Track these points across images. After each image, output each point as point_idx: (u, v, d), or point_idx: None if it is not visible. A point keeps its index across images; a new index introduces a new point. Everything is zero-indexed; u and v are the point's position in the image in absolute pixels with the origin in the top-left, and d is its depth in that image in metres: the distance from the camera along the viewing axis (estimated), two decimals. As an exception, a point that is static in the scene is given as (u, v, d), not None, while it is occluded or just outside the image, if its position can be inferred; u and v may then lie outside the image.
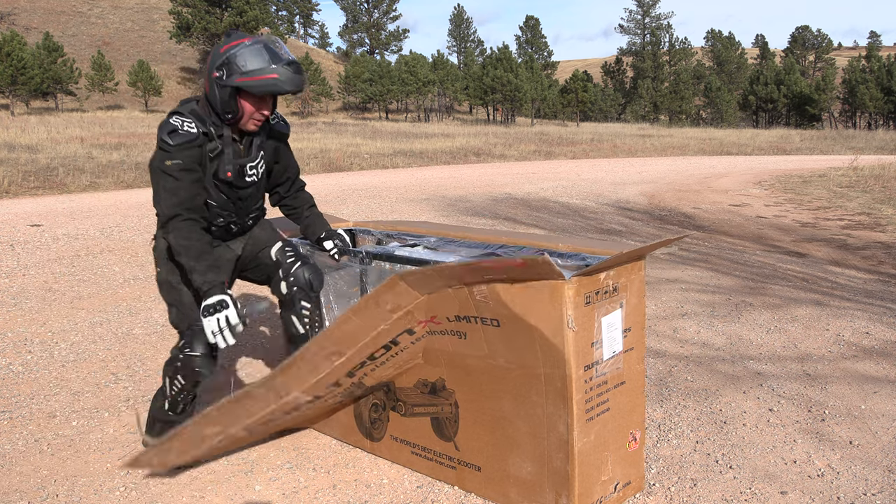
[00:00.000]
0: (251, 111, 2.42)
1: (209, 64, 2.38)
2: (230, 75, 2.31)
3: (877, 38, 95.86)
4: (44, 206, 9.65)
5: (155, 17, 62.12)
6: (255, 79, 2.30)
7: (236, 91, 2.35)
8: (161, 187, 2.38)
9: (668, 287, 5.27)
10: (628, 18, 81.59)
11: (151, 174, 2.41)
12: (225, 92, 2.34)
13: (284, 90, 2.32)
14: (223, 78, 2.33)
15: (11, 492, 2.48)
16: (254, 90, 2.32)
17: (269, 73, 2.29)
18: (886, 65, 60.04)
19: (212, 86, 2.37)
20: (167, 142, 2.34)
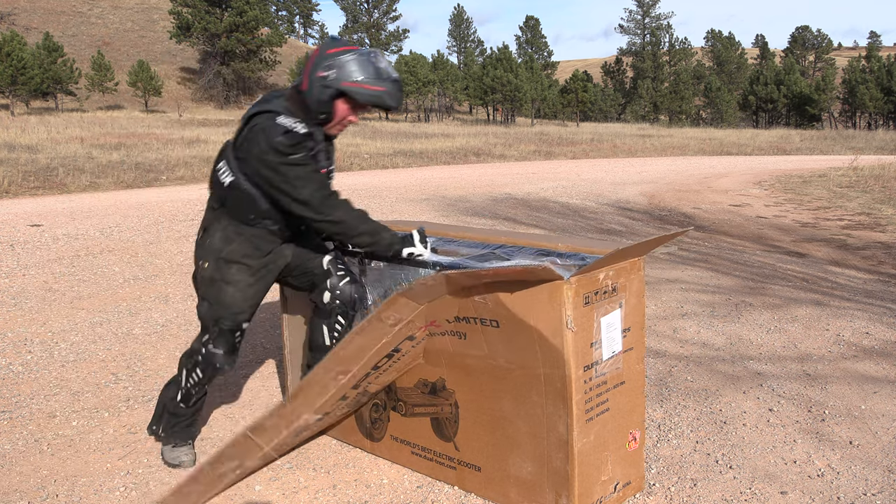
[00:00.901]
0: (343, 117, 2.42)
1: (312, 63, 2.36)
2: (337, 78, 2.32)
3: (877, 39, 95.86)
4: (44, 206, 9.65)
5: (155, 17, 62.12)
6: (362, 87, 2.32)
7: (338, 95, 2.35)
8: (294, 178, 2.32)
9: (668, 287, 5.27)
10: (628, 18, 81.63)
11: (277, 168, 2.31)
12: (326, 93, 2.33)
13: (387, 105, 2.37)
14: (328, 79, 2.32)
15: (11, 492, 2.48)
16: (359, 98, 2.34)
17: (377, 86, 2.33)
18: (886, 65, 60.02)
19: (313, 85, 2.34)
20: (283, 142, 2.30)
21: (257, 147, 2.32)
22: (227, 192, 2.44)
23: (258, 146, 2.31)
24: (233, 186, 2.42)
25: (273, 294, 5.02)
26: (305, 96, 2.36)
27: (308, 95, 2.35)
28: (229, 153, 2.45)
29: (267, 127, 2.32)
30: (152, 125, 31.05)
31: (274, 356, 3.84)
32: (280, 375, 3.56)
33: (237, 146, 2.42)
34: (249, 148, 2.35)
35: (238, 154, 2.41)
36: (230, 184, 2.42)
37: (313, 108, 2.36)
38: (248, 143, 2.35)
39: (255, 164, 2.34)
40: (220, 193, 2.46)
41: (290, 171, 2.31)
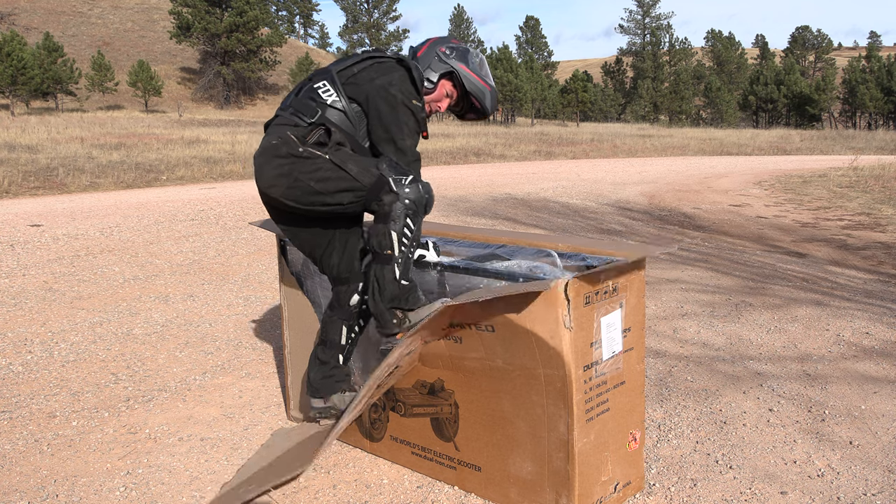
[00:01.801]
0: (438, 97, 2.41)
1: (434, 40, 2.42)
2: (457, 59, 2.37)
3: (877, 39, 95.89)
4: (44, 206, 9.65)
5: (155, 17, 62.12)
6: (475, 77, 2.38)
7: (448, 73, 2.37)
8: (405, 123, 2.26)
9: (668, 287, 5.27)
10: (628, 18, 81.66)
11: (396, 105, 2.24)
12: (441, 67, 2.36)
13: (486, 106, 2.42)
14: (448, 56, 2.37)
15: (11, 492, 2.48)
16: (467, 84, 2.37)
17: (487, 84, 2.40)
18: (886, 65, 60.05)
19: (430, 55, 2.37)
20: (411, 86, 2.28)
21: (384, 78, 2.27)
22: (325, 110, 2.29)
23: (385, 77, 2.27)
24: (334, 107, 2.29)
25: (273, 294, 5.02)
26: (418, 61, 2.37)
27: (420, 60, 2.37)
28: (333, 76, 2.32)
29: (398, 66, 2.30)
30: (152, 125, 31.06)
31: (274, 356, 3.85)
32: (280, 375, 3.56)
33: (348, 74, 2.32)
34: (372, 76, 2.28)
35: (349, 80, 2.31)
36: (332, 103, 2.29)
37: (419, 75, 2.34)
38: (372, 72, 2.29)
39: (372, 93, 2.25)
40: (319, 113, 2.28)
41: (404, 114, 2.25)
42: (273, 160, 2.24)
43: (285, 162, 2.22)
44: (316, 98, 2.30)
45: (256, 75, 56.27)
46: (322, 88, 2.31)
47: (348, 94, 2.29)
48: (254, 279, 5.48)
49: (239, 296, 5.03)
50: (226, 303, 4.85)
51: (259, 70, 55.58)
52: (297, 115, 2.29)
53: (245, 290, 5.17)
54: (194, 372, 3.61)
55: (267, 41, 54.77)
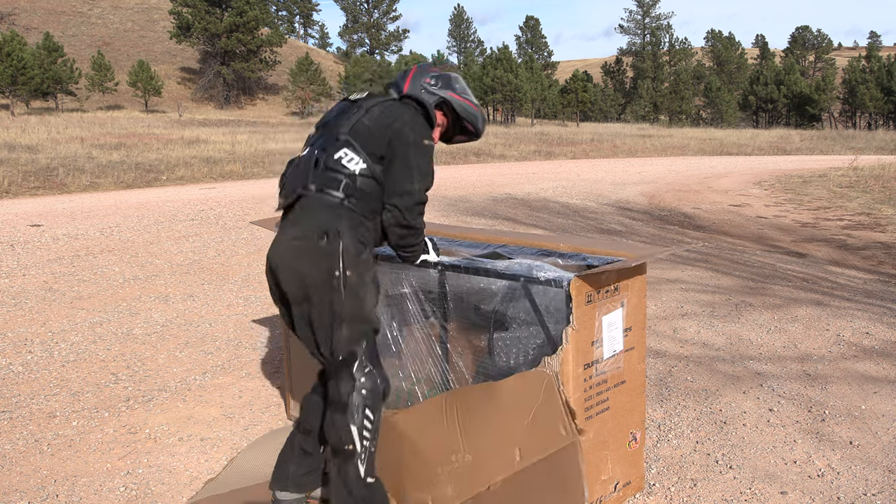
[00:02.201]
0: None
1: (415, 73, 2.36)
2: (443, 88, 2.34)
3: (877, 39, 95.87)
4: (44, 206, 9.65)
5: (155, 17, 62.12)
6: (465, 101, 2.36)
7: (439, 104, 2.34)
8: (416, 166, 2.18)
9: (668, 287, 5.27)
10: (628, 18, 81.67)
11: (409, 145, 2.17)
12: (431, 99, 2.33)
13: (478, 127, 2.40)
14: (434, 86, 2.34)
15: (11, 492, 2.48)
16: (460, 110, 2.35)
17: (476, 106, 2.39)
18: (886, 65, 60.04)
19: (416, 89, 2.32)
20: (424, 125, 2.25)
21: (398, 121, 2.19)
22: (355, 181, 2.14)
23: (399, 120, 2.20)
24: (364, 175, 2.15)
25: (273, 294, 5.03)
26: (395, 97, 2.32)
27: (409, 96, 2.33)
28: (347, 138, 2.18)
29: (407, 106, 2.26)
30: (152, 125, 31.07)
31: (274, 356, 3.84)
32: (280, 375, 3.56)
33: (361, 129, 2.19)
34: (386, 122, 2.19)
35: (364, 136, 2.18)
36: (361, 172, 2.14)
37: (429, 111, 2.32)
38: (386, 119, 2.20)
39: (388, 135, 2.17)
40: (347, 184, 2.13)
41: (417, 154, 2.18)
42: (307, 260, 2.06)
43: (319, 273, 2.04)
44: (341, 169, 2.14)
45: (256, 75, 56.27)
46: (345, 158, 2.15)
47: (369, 152, 2.16)
48: (254, 279, 5.48)
49: (239, 296, 5.03)
50: (226, 303, 4.85)
51: (259, 70, 55.58)
52: (324, 192, 2.13)
53: (245, 290, 5.17)
54: (194, 372, 3.61)
55: (267, 41, 54.78)
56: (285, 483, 2.25)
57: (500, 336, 2.32)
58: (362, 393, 2.05)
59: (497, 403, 2.15)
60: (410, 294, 2.51)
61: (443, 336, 2.46)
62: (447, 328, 2.44)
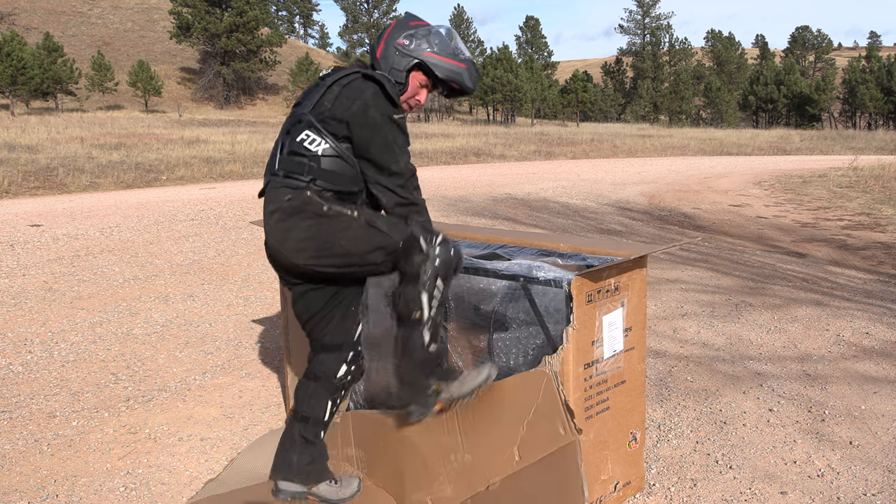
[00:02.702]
0: (413, 92, 2.24)
1: (390, 32, 2.22)
2: (418, 48, 2.18)
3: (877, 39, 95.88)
4: (44, 206, 9.65)
5: (155, 17, 62.12)
6: (444, 59, 2.20)
7: (416, 66, 2.20)
8: (394, 142, 2.12)
9: (668, 287, 5.27)
10: (628, 18, 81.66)
11: (379, 126, 2.10)
12: (404, 62, 2.18)
13: (465, 85, 2.23)
14: (409, 47, 2.18)
15: (11, 492, 2.48)
16: (438, 70, 2.20)
17: (460, 62, 2.21)
18: (886, 65, 60.06)
19: (389, 52, 2.19)
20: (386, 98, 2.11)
21: (358, 102, 2.09)
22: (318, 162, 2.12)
23: (359, 101, 2.09)
24: (327, 155, 2.12)
25: (273, 293, 5.02)
26: (378, 64, 2.20)
27: (381, 63, 2.20)
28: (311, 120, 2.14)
29: (366, 82, 2.12)
30: (152, 125, 31.07)
31: (274, 356, 3.84)
32: (280, 375, 3.56)
33: (322, 109, 2.13)
34: (346, 104, 2.10)
35: (325, 116, 2.13)
36: (324, 152, 2.12)
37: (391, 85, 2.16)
38: (344, 100, 2.11)
39: (352, 122, 2.10)
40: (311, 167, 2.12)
41: (391, 132, 2.11)
42: (298, 223, 2.09)
43: (311, 224, 2.08)
44: (304, 153, 2.12)
45: (256, 75, 56.27)
46: (307, 140, 2.13)
47: (332, 132, 2.12)
48: (254, 279, 5.48)
49: (239, 296, 5.03)
50: (226, 303, 4.85)
51: (259, 70, 55.58)
52: (292, 177, 2.12)
53: (245, 290, 5.17)
54: (194, 372, 3.61)
55: (267, 41, 54.78)
56: (288, 473, 2.24)
57: (499, 336, 2.32)
58: (435, 263, 2.08)
59: (496, 403, 2.15)
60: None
61: (442, 336, 2.46)
62: (447, 328, 2.44)
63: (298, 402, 2.27)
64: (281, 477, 2.25)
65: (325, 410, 2.24)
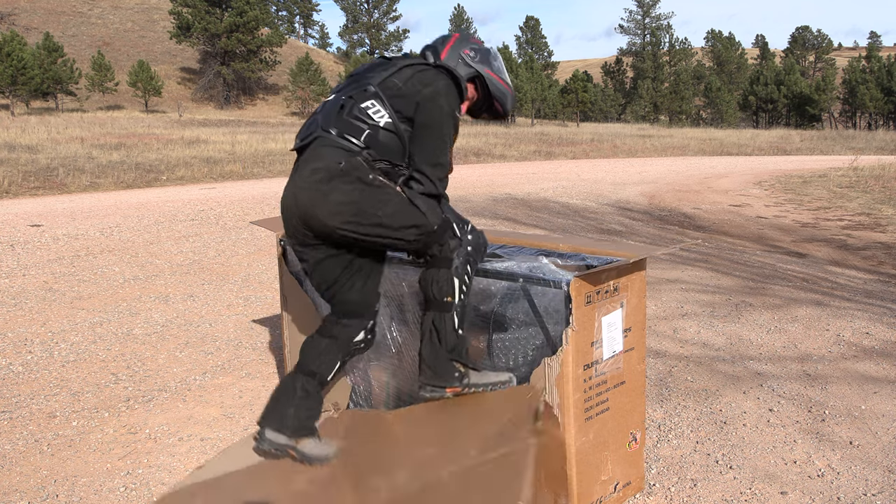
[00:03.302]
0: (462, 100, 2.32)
1: (456, 40, 2.32)
2: (481, 62, 2.31)
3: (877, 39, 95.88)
4: (44, 206, 9.65)
5: (155, 17, 62.14)
6: (498, 79, 2.33)
7: (474, 77, 2.31)
8: (447, 136, 2.20)
9: (668, 287, 5.27)
10: (628, 19, 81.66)
11: (442, 117, 2.17)
12: (467, 71, 2.29)
13: (507, 108, 2.38)
14: (475, 59, 2.30)
15: (11, 492, 2.48)
16: (492, 88, 2.32)
17: (509, 86, 2.37)
18: (886, 65, 60.07)
19: (455, 57, 2.29)
20: (456, 95, 2.21)
21: (431, 88, 2.17)
22: (377, 133, 2.15)
23: (432, 87, 2.17)
24: (387, 129, 2.15)
25: (273, 293, 5.02)
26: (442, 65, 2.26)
27: (446, 63, 2.27)
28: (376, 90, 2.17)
29: (441, 73, 2.21)
30: (152, 125, 31.08)
31: (274, 356, 3.85)
32: (280, 375, 3.56)
33: (391, 85, 2.18)
34: (418, 87, 2.17)
35: (395, 94, 2.17)
36: (385, 125, 2.15)
37: (463, 84, 2.27)
38: (417, 83, 2.17)
39: (423, 103, 2.15)
40: (370, 134, 2.14)
41: (449, 126, 2.19)
42: (341, 185, 2.09)
43: (354, 188, 2.09)
44: (366, 119, 2.15)
45: (256, 75, 56.29)
46: (371, 109, 2.16)
47: (397, 109, 2.16)
48: (254, 279, 5.48)
49: (239, 296, 5.03)
50: (226, 303, 4.85)
51: (259, 70, 55.60)
52: (345, 138, 2.13)
53: (245, 290, 5.17)
54: (194, 372, 3.61)
55: (267, 41, 54.80)
56: (280, 424, 2.23)
57: (499, 337, 2.32)
58: (468, 249, 2.19)
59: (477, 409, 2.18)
60: (410, 294, 2.51)
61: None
62: None
63: (306, 357, 2.30)
64: (271, 427, 2.23)
65: (332, 369, 2.28)
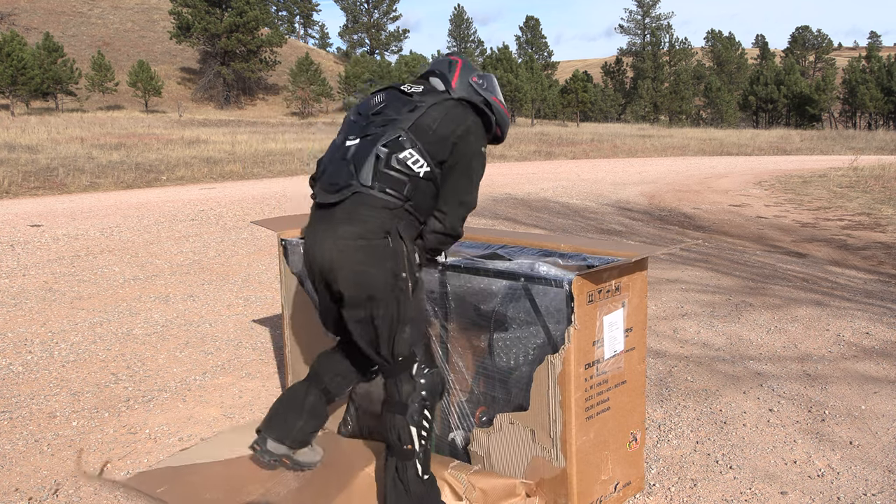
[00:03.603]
0: None
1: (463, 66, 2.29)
2: (489, 90, 2.28)
3: (877, 39, 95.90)
4: (44, 206, 9.65)
5: (155, 17, 62.14)
6: (501, 105, 2.31)
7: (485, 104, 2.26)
8: (476, 174, 2.16)
9: (668, 287, 5.27)
10: (628, 19, 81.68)
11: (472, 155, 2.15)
12: (478, 99, 2.25)
13: (505, 133, 2.34)
14: (483, 86, 2.27)
15: (11, 492, 2.48)
16: (497, 115, 2.29)
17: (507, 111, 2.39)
18: (886, 65, 60.07)
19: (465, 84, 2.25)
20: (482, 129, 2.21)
21: (462, 126, 2.13)
22: (418, 184, 2.08)
23: (463, 125, 2.14)
24: (427, 178, 2.10)
25: (273, 293, 5.03)
26: (454, 92, 2.23)
27: (458, 92, 2.24)
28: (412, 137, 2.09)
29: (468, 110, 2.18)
30: (152, 125, 31.08)
31: (274, 356, 3.84)
32: (280, 375, 3.56)
33: (425, 128, 2.10)
34: (452, 128, 2.11)
35: (429, 138, 2.10)
36: (426, 175, 2.09)
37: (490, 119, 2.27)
38: (450, 123, 2.12)
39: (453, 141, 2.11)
40: (411, 186, 2.08)
41: (478, 163, 2.17)
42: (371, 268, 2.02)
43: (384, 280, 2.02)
44: (406, 171, 2.07)
45: (256, 75, 56.29)
46: (411, 159, 2.07)
47: (431, 154, 2.10)
48: (254, 279, 5.48)
49: (239, 296, 5.03)
50: (226, 303, 4.85)
51: (259, 70, 55.61)
52: (387, 193, 2.05)
53: (245, 290, 5.17)
54: (194, 372, 3.61)
55: (267, 41, 54.80)
56: (283, 435, 2.24)
57: (500, 336, 2.32)
58: (422, 394, 2.11)
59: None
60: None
61: (443, 336, 2.46)
62: (447, 328, 2.44)
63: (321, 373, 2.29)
64: (274, 437, 2.24)
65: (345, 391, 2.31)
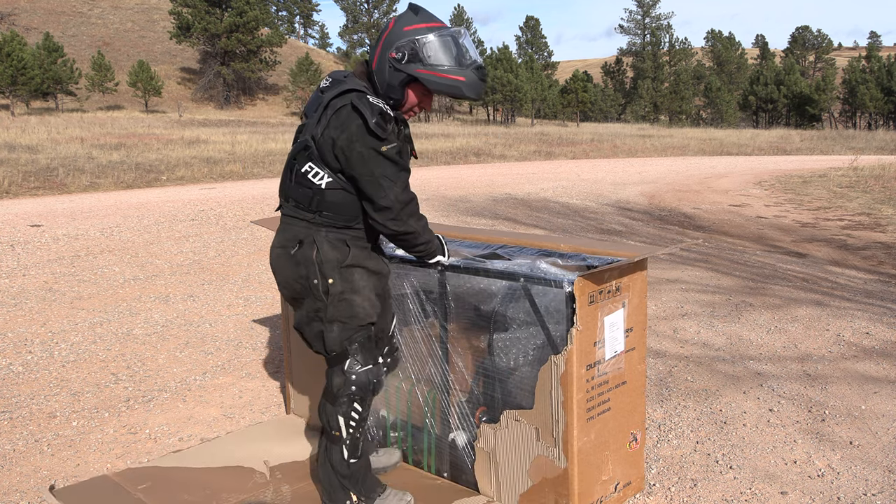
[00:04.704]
0: (413, 104, 2.14)
1: (385, 39, 2.06)
2: (410, 62, 2.03)
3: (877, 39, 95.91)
4: (44, 206, 9.65)
5: (155, 17, 62.13)
6: (437, 75, 2.04)
7: (410, 80, 2.06)
8: (382, 175, 2.01)
9: (668, 287, 5.27)
10: (628, 19, 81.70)
11: (365, 161, 2.00)
12: (397, 77, 2.05)
13: (465, 96, 2.09)
14: (401, 62, 2.03)
15: (11, 492, 2.48)
16: (431, 86, 2.06)
17: (455, 75, 2.05)
18: (886, 65, 60.07)
19: (383, 65, 2.06)
20: (380, 126, 1.98)
21: (343, 137, 2.01)
22: (323, 196, 2.08)
23: (345, 136, 2.01)
24: (331, 188, 2.08)
25: (273, 293, 5.02)
26: (374, 76, 2.09)
27: (378, 76, 2.08)
28: (314, 150, 2.07)
29: (362, 105, 1.99)
30: (152, 125, 31.07)
31: (274, 356, 3.85)
32: (280, 375, 3.56)
33: (321, 137, 2.05)
34: (336, 136, 2.02)
35: (320, 145, 2.05)
36: (328, 185, 2.07)
37: (381, 90, 2.09)
38: (335, 130, 2.02)
39: (345, 155, 2.02)
40: (317, 200, 2.09)
41: (378, 165, 2.01)
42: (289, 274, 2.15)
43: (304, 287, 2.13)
44: (308, 185, 2.08)
45: (256, 75, 56.28)
46: (310, 173, 2.08)
47: (328, 164, 2.06)
48: (254, 279, 5.48)
49: (239, 296, 5.03)
50: (226, 303, 4.85)
51: (259, 70, 55.59)
52: (301, 208, 2.12)
53: (245, 290, 5.17)
54: (194, 372, 3.61)
55: (267, 41, 54.79)
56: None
57: (500, 336, 2.32)
58: (352, 388, 2.17)
59: None
60: (410, 294, 2.51)
61: (443, 336, 2.46)
62: (447, 328, 2.44)
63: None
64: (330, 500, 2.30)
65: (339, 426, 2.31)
